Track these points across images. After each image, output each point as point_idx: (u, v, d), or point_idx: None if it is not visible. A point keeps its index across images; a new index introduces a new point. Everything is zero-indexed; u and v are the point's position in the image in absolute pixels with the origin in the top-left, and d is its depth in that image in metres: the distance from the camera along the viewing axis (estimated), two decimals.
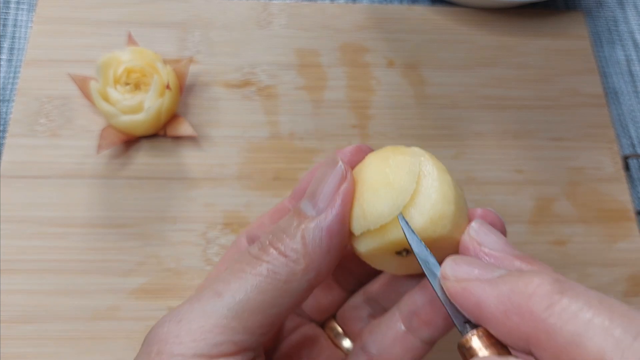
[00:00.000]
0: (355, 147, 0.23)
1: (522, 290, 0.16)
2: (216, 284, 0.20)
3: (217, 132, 0.38)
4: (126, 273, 0.34)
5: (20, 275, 0.33)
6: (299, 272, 0.20)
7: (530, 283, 0.16)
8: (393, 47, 0.42)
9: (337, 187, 0.20)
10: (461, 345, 0.17)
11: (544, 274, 0.16)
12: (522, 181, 0.38)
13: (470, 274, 0.18)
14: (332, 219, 0.20)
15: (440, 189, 0.20)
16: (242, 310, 0.19)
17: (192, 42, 0.41)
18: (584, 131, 0.40)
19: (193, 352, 0.19)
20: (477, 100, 0.41)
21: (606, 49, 0.44)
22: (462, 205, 0.21)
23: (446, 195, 0.20)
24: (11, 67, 0.39)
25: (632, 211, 0.38)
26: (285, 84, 0.40)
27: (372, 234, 0.20)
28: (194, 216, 0.35)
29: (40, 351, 0.31)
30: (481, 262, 0.18)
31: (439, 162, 0.21)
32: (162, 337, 0.19)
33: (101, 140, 0.35)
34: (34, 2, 0.41)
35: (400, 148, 0.22)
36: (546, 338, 0.15)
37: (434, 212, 0.20)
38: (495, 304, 0.16)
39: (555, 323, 0.14)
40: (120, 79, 0.35)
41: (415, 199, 0.20)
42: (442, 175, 0.20)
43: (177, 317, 0.20)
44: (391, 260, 0.21)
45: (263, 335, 0.20)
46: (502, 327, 0.16)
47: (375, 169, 0.21)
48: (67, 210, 0.35)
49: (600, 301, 0.14)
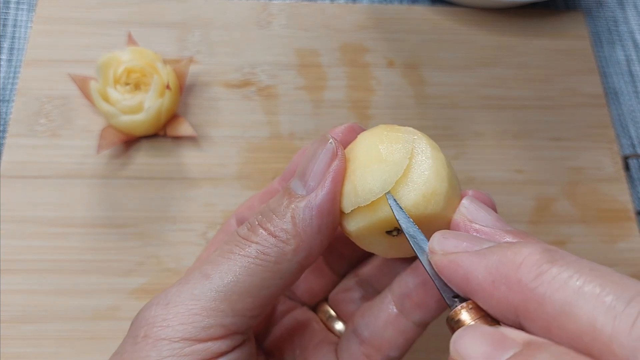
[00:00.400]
0: (347, 126, 0.22)
1: (511, 260, 0.15)
2: (205, 266, 0.20)
3: (217, 132, 0.38)
4: (126, 273, 0.34)
5: (20, 275, 0.33)
6: (289, 252, 0.19)
7: (519, 253, 0.15)
8: (393, 47, 0.42)
9: (327, 165, 0.20)
10: (450, 319, 0.17)
11: (534, 244, 0.15)
12: (522, 181, 0.38)
13: (457, 247, 0.17)
14: (323, 198, 0.20)
15: (433, 166, 0.20)
16: (231, 292, 0.19)
17: (192, 42, 0.41)
18: (584, 131, 0.40)
19: (181, 335, 0.18)
20: (477, 100, 0.41)
21: (606, 49, 0.44)
22: (454, 183, 0.20)
23: (439, 173, 0.20)
24: (11, 67, 0.39)
25: (632, 211, 0.38)
26: (285, 84, 0.40)
27: (363, 211, 0.20)
28: (193, 216, 0.35)
29: (40, 351, 0.31)
30: (470, 235, 0.18)
31: (433, 141, 0.21)
32: (150, 320, 0.19)
33: (101, 140, 0.35)
34: (34, 2, 0.41)
35: (393, 126, 0.21)
36: (535, 308, 0.14)
37: (427, 188, 0.19)
38: (483, 275, 0.16)
39: (545, 292, 0.14)
40: (120, 79, 0.35)
41: (408, 175, 0.20)
42: (435, 153, 0.20)
43: (164, 300, 0.19)
44: (381, 241, 0.21)
45: (253, 318, 0.20)
46: (491, 299, 0.16)
47: (367, 146, 0.21)
48: (67, 210, 0.35)
49: (592, 269, 0.14)
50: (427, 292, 0.21)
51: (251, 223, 0.20)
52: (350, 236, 0.21)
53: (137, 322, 0.20)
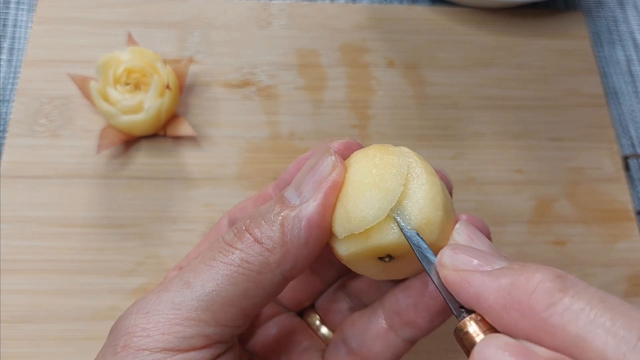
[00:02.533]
0: (344, 142, 0.22)
1: (523, 286, 0.15)
2: (186, 274, 0.19)
3: (217, 132, 0.38)
4: (126, 273, 0.34)
5: (20, 275, 0.33)
6: (274, 262, 0.19)
7: (532, 279, 0.15)
8: (393, 47, 0.42)
9: (324, 178, 0.19)
10: (458, 330, 0.17)
11: (546, 269, 0.15)
12: (522, 181, 0.38)
13: (468, 264, 0.17)
14: (314, 210, 0.19)
15: (428, 193, 0.19)
16: (213, 302, 0.18)
17: (192, 42, 0.41)
18: (584, 131, 0.40)
19: (162, 346, 0.18)
20: (477, 100, 0.41)
21: (606, 49, 0.44)
22: (449, 209, 0.20)
23: (434, 200, 0.19)
24: (11, 67, 0.39)
25: (632, 211, 0.38)
26: (285, 84, 0.40)
27: (355, 237, 0.19)
28: (193, 216, 0.35)
29: (40, 351, 0.31)
30: (480, 251, 0.18)
31: (427, 163, 0.20)
32: (130, 329, 0.19)
33: (101, 140, 0.35)
34: (34, 2, 0.41)
35: (387, 147, 0.21)
36: (547, 337, 0.14)
37: (422, 218, 0.19)
38: (495, 298, 0.16)
39: (557, 323, 0.14)
40: (120, 79, 0.35)
41: (402, 202, 0.19)
42: (430, 178, 0.20)
43: (144, 308, 0.19)
44: (372, 265, 0.21)
45: (237, 328, 0.19)
46: (501, 321, 0.16)
47: (361, 169, 0.20)
48: (67, 210, 0.35)
49: (602, 299, 0.14)
50: (419, 313, 0.21)
51: (238, 227, 0.20)
52: (342, 260, 0.21)
53: (116, 331, 0.19)
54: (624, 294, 0.35)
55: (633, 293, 0.35)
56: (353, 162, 0.21)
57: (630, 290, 0.35)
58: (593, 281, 0.35)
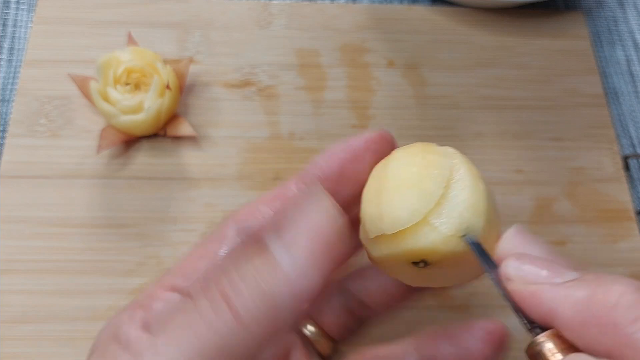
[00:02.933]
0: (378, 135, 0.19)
1: (603, 299, 0.14)
2: (155, 336, 0.16)
3: (217, 132, 0.38)
4: (126, 273, 0.34)
5: (20, 275, 0.33)
6: (247, 338, 0.15)
7: (611, 291, 0.14)
8: (393, 47, 0.42)
9: (322, 234, 0.16)
10: (533, 346, 0.16)
11: (624, 280, 0.14)
12: (522, 181, 0.38)
13: (538, 277, 0.16)
14: (313, 282, 0.15)
15: (470, 198, 0.18)
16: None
17: (192, 42, 0.41)
18: (584, 131, 0.40)
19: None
20: (477, 100, 0.41)
21: (606, 49, 0.44)
22: (493, 218, 0.19)
23: (476, 207, 0.18)
24: (11, 67, 0.39)
25: (632, 211, 0.38)
26: (286, 84, 0.40)
27: (387, 239, 0.18)
28: (194, 216, 0.35)
29: (40, 351, 0.31)
30: (547, 261, 0.16)
31: (474, 166, 0.19)
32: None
33: (101, 140, 0.35)
34: (34, 2, 0.41)
35: (431, 146, 0.20)
36: (633, 354, 0.13)
37: (460, 224, 0.18)
38: (572, 313, 0.15)
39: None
40: (120, 79, 0.35)
41: (441, 206, 0.18)
42: (474, 182, 0.18)
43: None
44: (406, 270, 0.19)
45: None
46: (580, 338, 0.15)
47: (400, 167, 0.19)
48: (67, 210, 0.35)
49: None
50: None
51: (205, 282, 0.16)
52: (372, 261, 0.20)
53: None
54: None
55: None
56: (393, 157, 0.20)
57: None
58: None
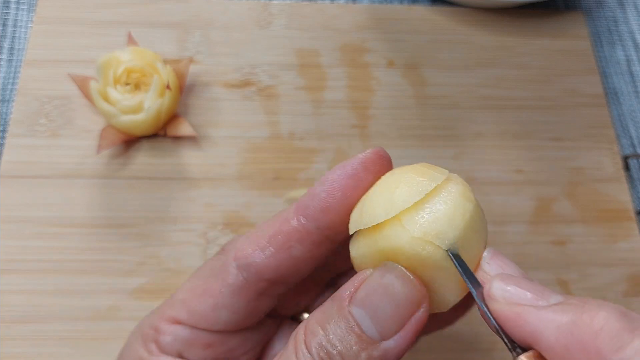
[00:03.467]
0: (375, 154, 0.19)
1: (587, 325, 0.14)
2: None
3: (217, 132, 0.38)
4: (126, 273, 0.34)
5: (20, 275, 0.33)
6: None
7: (596, 317, 0.14)
8: (393, 47, 0.42)
9: (410, 314, 0.17)
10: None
11: (609, 306, 0.15)
12: (522, 181, 0.38)
13: (522, 298, 0.16)
14: (402, 349, 0.17)
15: (449, 210, 0.18)
16: None
17: (192, 42, 0.41)
18: (584, 131, 0.40)
19: None
20: (477, 100, 0.41)
21: (606, 49, 0.44)
22: (472, 237, 0.18)
23: (453, 220, 0.17)
24: (11, 67, 0.39)
25: (632, 211, 0.38)
26: (286, 84, 0.40)
27: (364, 236, 0.18)
28: (194, 216, 0.35)
29: (40, 351, 0.31)
30: (532, 283, 0.16)
31: (470, 191, 0.19)
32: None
33: (101, 140, 0.35)
34: (34, 2, 0.41)
35: (433, 166, 0.19)
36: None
37: (429, 230, 0.17)
38: (555, 337, 0.15)
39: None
40: (120, 79, 0.35)
41: (419, 211, 0.18)
42: (462, 201, 0.18)
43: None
44: None
45: None
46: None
47: (394, 175, 0.19)
48: (67, 210, 0.35)
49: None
50: None
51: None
52: (354, 263, 0.19)
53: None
54: (623, 294, 0.35)
55: (633, 293, 0.35)
56: (393, 171, 0.20)
57: (630, 291, 0.35)
58: (593, 281, 0.35)
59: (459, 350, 0.33)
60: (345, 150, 0.38)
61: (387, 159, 0.20)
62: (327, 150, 0.38)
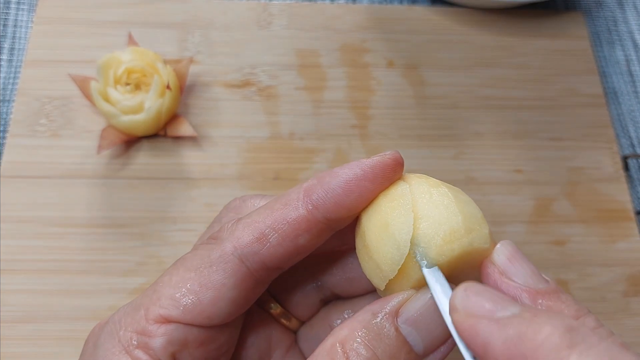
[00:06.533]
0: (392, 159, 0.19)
1: (530, 339, 0.14)
2: None
3: (217, 132, 0.38)
4: (126, 273, 0.34)
5: (20, 275, 0.33)
6: None
7: (540, 332, 0.14)
8: (393, 47, 0.42)
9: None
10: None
11: (557, 320, 0.15)
12: (521, 181, 0.38)
13: (480, 309, 0.16)
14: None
15: (438, 206, 0.18)
16: None
17: (193, 42, 0.41)
18: (584, 131, 0.40)
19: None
20: (477, 100, 0.41)
21: (606, 49, 0.44)
22: (470, 210, 0.19)
23: (448, 208, 0.18)
24: (11, 67, 0.39)
25: (632, 211, 0.38)
26: (286, 84, 0.40)
27: (396, 281, 0.19)
28: (194, 216, 0.35)
29: (40, 351, 0.31)
30: (493, 293, 0.17)
31: (429, 178, 0.20)
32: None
33: (101, 141, 0.35)
34: (34, 3, 0.41)
35: (391, 186, 0.20)
36: None
37: (444, 231, 0.18)
38: (501, 349, 0.15)
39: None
40: (121, 79, 0.35)
41: (419, 225, 0.18)
42: (433, 189, 0.19)
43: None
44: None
45: None
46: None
47: (375, 215, 0.19)
48: (67, 210, 0.35)
49: (611, 358, 0.13)
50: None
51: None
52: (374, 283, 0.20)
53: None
54: (623, 294, 0.35)
55: (632, 293, 0.35)
56: (369, 208, 0.20)
57: (629, 290, 0.35)
58: (592, 281, 0.35)
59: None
60: (345, 150, 0.38)
61: (401, 165, 0.20)
62: (327, 150, 0.38)
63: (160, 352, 0.19)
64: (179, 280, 0.19)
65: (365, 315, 0.18)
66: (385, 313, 0.18)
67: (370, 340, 0.17)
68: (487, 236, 0.18)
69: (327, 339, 0.18)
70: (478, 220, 0.19)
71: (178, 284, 0.19)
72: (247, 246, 0.19)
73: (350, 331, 0.17)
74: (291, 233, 0.19)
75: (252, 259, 0.19)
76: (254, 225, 0.19)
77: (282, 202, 0.19)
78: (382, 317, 0.17)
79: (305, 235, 0.19)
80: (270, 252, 0.19)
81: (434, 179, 0.20)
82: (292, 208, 0.19)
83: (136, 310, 0.20)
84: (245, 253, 0.19)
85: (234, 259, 0.19)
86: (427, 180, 0.19)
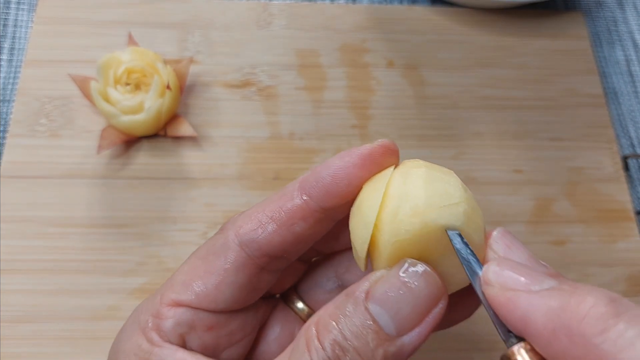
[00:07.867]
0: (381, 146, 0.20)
1: (574, 310, 0.14)
2: None
3: (217, 132, 0.38)
4: (126, 273, 0.34)
5: (20, 275, 0.33)
6: None
7: (584, 302, 0.14)
8: (393, 47, 0.42)
9: (428, 310, 0.17)
10: (506, 358, 0.16)
11: (599, 292, 0.15)
12: (521, 181, 0.38)
13: (516, 283, 0.16)
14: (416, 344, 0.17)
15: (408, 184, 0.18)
16: None
17: (193, 42, 0.41)
18: (584, 131, 0.40)
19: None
20: (477, 100, 0.41)
21: (606, 49, 0.44)
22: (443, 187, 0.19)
23: (416, 186, 0.18)
24: (11, 67, 0.39)
25: (632, 211, 0.38)
26: (286, 84, 0.40)
27: (374, 262, 0.19)
28: (194, 216, 0.35)
29: (40, 351, 0.31)
30: (527, 268, 0.17)
31: (427, 163, 0.20)
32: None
33: (101, 141, 0.35)
34: (34, 2, 0.41)
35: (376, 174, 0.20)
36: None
37: (408, 207, 0.18)
38: (543, 322, 0.15)
39: (610, 350, 0.13)
40: (121, 79, 0.35)
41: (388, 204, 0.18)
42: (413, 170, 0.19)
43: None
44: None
45: None
46: (549, 347, 0.15)
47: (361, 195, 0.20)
48: (67, 210, 0.35)
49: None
50: None
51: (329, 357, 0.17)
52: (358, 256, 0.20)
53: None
54: (623, 294, 0.35)
55: (632, 293, 0.35)
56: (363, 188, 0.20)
57: (629, 290, 0.35)
58: (592, 281, 0.35)
59: (459, 350, 0.33)
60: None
61: (393, 152, 0.20)
62: (327, 150, 0.38)
63: (170, 333, 0.20)
64: (190, 268, 0.21)
65: (340, 297, 0.18)
66: (356, 293, 0.18)
67: (340, 320, 0.17)
68: (460, 214, 0.18)
69: (307, 321, 0.18)
70: (450, 198, 0.18)
71: (188, 271, 0.21)
72: (246, 234, 0.20)
73: (324, 311, 0.18)
74: (287, 221, 0.20)
75: (252, 245, 0.20)
76: (254, 215, 0.21)
77: (280, 194, 0.21)
78: (353, 298, 0.18)
79: (301, 223, 0.20)
80: (267, 239, 0.20)
81: (431, 164, 0.19)
82: (288, 198, 0.20)
83: (155, 296, 0.21)
84: (245, 240, 0.20)
85: (235, 246, 0.20)
86: (415, 163, 0.19)
